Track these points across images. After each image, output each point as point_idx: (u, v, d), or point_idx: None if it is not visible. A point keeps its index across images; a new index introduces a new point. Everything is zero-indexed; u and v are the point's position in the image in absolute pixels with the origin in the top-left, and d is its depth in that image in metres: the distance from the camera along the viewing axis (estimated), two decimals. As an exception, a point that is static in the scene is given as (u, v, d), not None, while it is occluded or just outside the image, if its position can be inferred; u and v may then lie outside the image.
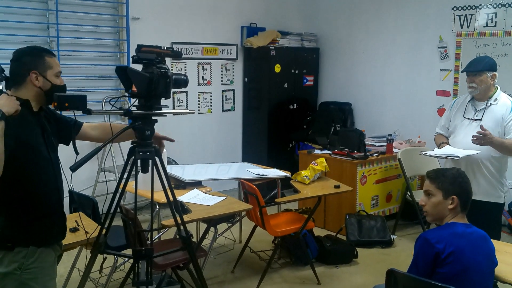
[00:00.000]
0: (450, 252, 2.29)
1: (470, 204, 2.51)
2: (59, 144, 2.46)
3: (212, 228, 4.02)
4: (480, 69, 3.43)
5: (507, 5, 5.22)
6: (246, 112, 6.77)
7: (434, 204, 2.48)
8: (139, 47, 2.41)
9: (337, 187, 4.14)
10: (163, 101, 2.50)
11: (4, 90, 2.23)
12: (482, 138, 3.28)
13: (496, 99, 3.47)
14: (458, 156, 3.39)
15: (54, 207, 2.35)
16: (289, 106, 6.71)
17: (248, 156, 6.66)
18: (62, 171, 2.38)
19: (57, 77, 2.30)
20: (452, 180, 2.48)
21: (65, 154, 2.44)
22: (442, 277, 2.30)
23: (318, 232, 4.84)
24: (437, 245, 2.31)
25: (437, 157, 3.72)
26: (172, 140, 2.77)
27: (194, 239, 4.06)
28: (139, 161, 2.48)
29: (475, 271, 2.33)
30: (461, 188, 2.47)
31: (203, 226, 4.25)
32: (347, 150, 5.17)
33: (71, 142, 2.40)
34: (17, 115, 2.10)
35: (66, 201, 2.98)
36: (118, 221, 3.44)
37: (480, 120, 3.46)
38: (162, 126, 2.96)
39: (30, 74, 2.21)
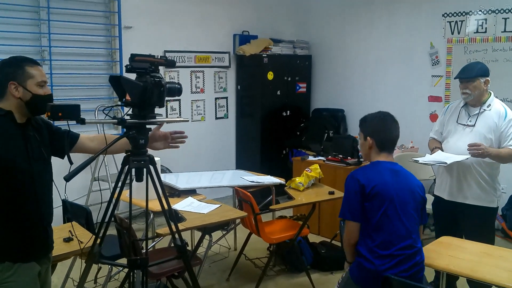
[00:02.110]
0: (373, 186, 2.58)
1: (390, 144, 2.75)
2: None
3: (207, 236, 4.01)
4: (473, 75, 3.45)
5: (497, 11, 5.28)
6: (239, 119, 6.78)
7: (360, 145, 2.87)
8: (133, 56, 2.41)
9: (331, 193, 4.15)
10: (157, 110, 2.50)
11: None
12: (477, 154, 3.30)
13: (490, 104, 3.49)
14: (446, 163, 3.40)
15: (32, 221, 2.26)
16: (282, 113, 6.73)
17: (242, 163, 6.66)
18: (53, 183, 2.32)
19: (40, 87, 2.24)
20: (368, 123, 2.79)
21: (59, 164, 2.43)
22: (368, 209, 2.60)
23: (313, 238, 4.84)
24: (362, 181, 2.61)
25: (426, 164, 3.72)
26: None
27: (189, 247, 4.05)
28: (133, 170, 2.47)
29: (398, 202, 2.59)
30: (374, 129, 2.75)
31: (198, 234, 4.24)
32: (341, 156, 5.18)
33: (66, 155, 2.37)
34: None
35: (59, 211, 2.97)
36: (112, 230, 3.43)
37: (474, 125, 3.47)
38: (156, 134, 2.95)
39: (8, 85, 2.18)
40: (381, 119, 2.78)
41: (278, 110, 6.68)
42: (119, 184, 2.51)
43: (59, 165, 2.41)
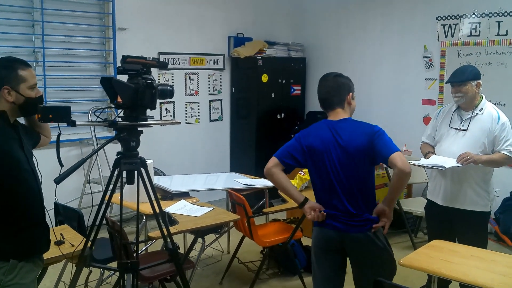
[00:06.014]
0: (308, 142, 2.79)
1: (323, 103, 3.02)
2: (42, 158, 2.43)
3: (199, 239, 4.00)
4: (464, 79, 3.45)
5: (490, 15, 5.29)
6: (233, 122, 6.77)
7: None
8: (124, 58, 2.40)
9: (324, 196, 4.14)
10: (151, 112, 2.49)
11: None
12: (467, 163, 3.32)
13: (482, 108, 3.49)
14: (444, 167, 3.40)
15: (37, 218, 2.31)
16: (276, 115, 6.72)
17: (236, 166, 6.65)
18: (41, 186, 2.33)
19: (32, 89, 2.25)
20: None
21: (50, 166, 2.41)
22: (309, 164, 2.78)
23: (307, 242, 4.82)
24: (301, 135, 2.85)
25: (423, 167, 3.72)
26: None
27: (182, 251, 4.04)
28: (124, 172, 2.46)
29: (330, 158, 2.71)
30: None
31: (190, 237, 4.22)
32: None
33: (57, 155, 2.37)
34: None
35: (51, 214, 2.95)
36: (104, 233, 3.41)
37: (466, 129, 3.47)
38: (149, 137, 2.95)
39: (2, 90, 2.17)
40: (319, 81, 2.93)
41: (273, 112, 6.68)
42: (110, 187, 2.50)
43: (49, 167, 2.39)
